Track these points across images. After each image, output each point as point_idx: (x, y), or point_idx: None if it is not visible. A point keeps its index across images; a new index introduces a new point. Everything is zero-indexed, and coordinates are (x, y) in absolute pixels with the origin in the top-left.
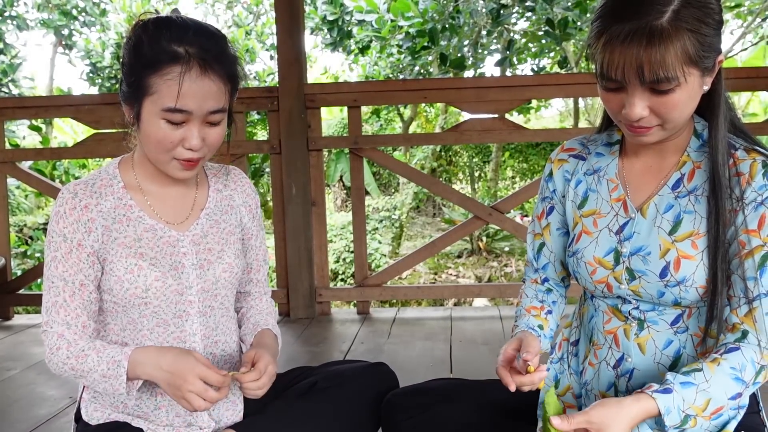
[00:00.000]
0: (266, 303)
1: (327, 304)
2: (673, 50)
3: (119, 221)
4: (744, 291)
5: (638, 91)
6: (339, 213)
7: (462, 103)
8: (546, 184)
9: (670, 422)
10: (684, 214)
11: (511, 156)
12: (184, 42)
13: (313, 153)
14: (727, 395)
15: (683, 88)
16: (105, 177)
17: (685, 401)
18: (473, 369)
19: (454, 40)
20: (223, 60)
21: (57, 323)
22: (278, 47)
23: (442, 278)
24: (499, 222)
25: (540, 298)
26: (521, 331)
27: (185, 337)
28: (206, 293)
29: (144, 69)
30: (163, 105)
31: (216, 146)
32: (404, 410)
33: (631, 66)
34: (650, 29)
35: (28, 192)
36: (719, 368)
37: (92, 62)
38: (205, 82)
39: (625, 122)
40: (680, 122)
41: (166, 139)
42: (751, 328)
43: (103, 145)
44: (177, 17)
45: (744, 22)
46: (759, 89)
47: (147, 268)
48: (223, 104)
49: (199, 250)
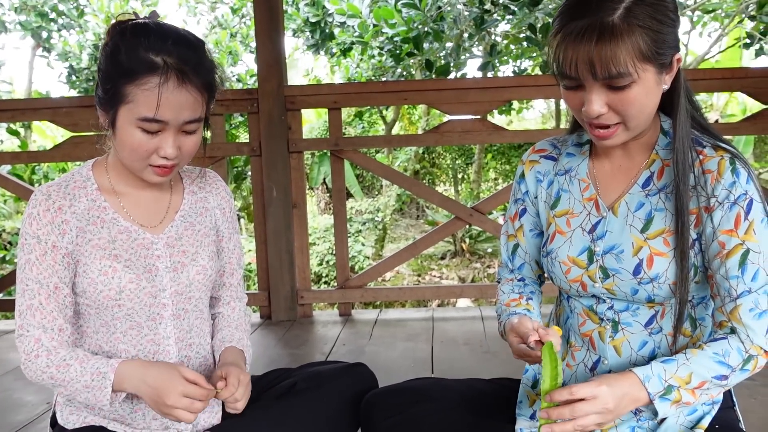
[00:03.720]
0: (237, 312)
1: (309, 307)
2: (624, 46)
3: (93, 223)
4: (728, 290)
5: (595, 88)
6: (323, 216)
7: (442, 105)
8: (518, 186)
9: (652, 388)
10: (655, 212)
11: (494, 158)
12: (163, 52)
13: (293, 155)
14: (710, 373)
15: (639, 84)
16: (78, 179)
17: (666, 371)
18: (454, 369)
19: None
20: (200, 70)
21: (33, 326)
22: (258, 49)
23: (426, 280)
24: (480, 223)
25: (517, 291)
26: (508, 321)
27: (159, 340)
28: (180, 296)
29: (120, 77)
30: (138, 114)
31: (191, 154)
32: (383, 410)
33: (583, 62)
34: (601, 25)
35: (6, 197)
36: (701, 352)
37: (70, 64)
38: (182, 92)
39: (587, 121)
40: (642, 120)
41: (140, 147)
42: (737, 324)
43: (81, 148)
44: (154, 24)
45: (721, 25)
46: (733, 90)
47: (121, 270)
48: (199, 114)
49: (173, 252)
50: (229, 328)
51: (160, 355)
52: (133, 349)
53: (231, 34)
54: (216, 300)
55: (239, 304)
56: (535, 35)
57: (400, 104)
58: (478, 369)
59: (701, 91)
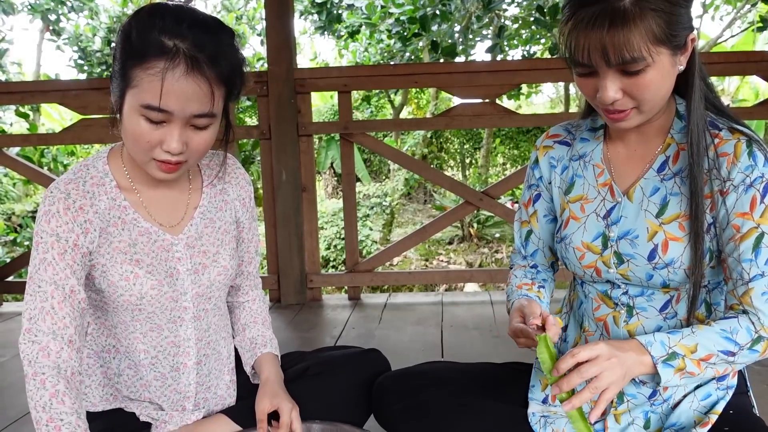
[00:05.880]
0: (258, 304)
1: (318, 290)
2: (637, 31)
3: (114, 224)
4: (741, 273)
5: (609, 74)
6: (330, 200)
7: (452, 88)
8: (532, 172)
9: (655, 352)
10: (670, 196)
11: (502, 142)
12: (176, 35)
13: (303, 138)
14: (717, 347)
15: (654, 68)
16: (95, 174)
17: (671, 339)
18: (464, 353)
19: (444, 26)
20: (217, 60)
21: (42, 332)
22: (267, 31)
23: (434, 265)
24: (490, 207)
25: (530, 277)
26: (517, 300)
27: (179, 342)
28: (201, 297)
29: (129, 59)
30: (142, 101)
31: (201, 153)
32: (395, 393)
33: (596, 49)
34: (612, 11)
35: (16, 180)
36: (708, 327)
37: (81, 47)
38: (190, 81)
39: (601, 107)
40: (656, 103)
41: (142, 137)
42: (749, 307)
43: (90, 131)
44: (174, 5)
45: (734, 8)
46: (748, 73)
47: (143, 275)
48: (210, 108)
49: (193, 253)
50: (256, 325)
51: (180, 356)
52: (153, 351)
53: (237, 17)
54: (234, 289)
55: (257, 292)
56: (544, 16)
57: (410, 87)
58: (488, 353)
59: (715, 75)
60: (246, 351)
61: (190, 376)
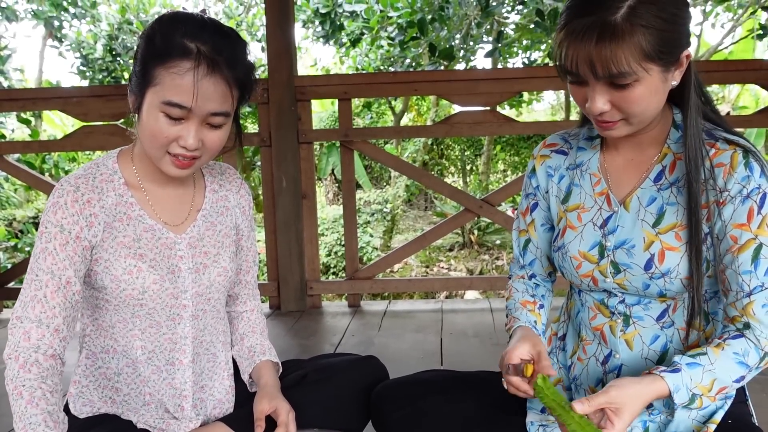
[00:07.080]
0: (256, 314)
1: (318, 297)
2: (626, 46)
3: (119, 219)
4: (741, 285)
5: (598, 86)
6: (331, 207)
7: (453, 96)
8: (529, 181)
9: (679, 399)
10: (667, 206)
11: (503, 149)
12: (198, 39)
13: (303, 145)
14: (732, 378)
15: (643, 83)
16: (105, 172)
17: (692, 380)
18: (464, 361)
19: (443, 31)
20: (234, 63)
21: (28, 319)
22: (268, 39)
23: (434, 272)
24: (490, 214)
25: (531, 293)
26: (522, 328)
27: (176, 339)
28: (200, 297)
29: (152, 59)
30: (163, 98)
31: (215, 150)
32: (393, 401)
33: (584, 61)
34: (602, 25)
35: (17, 186)
36: (723, 352)
37: (83, 54)
38: (210, 81)
39: (591, 115)
40: (646, 117)
41: (161, 133)
42: (751, 319)
43: (91, 138)
44: (197, 14)
45: (734, 15)
46: (748, 82)
47: (146, 270)
48: (226, 108)
49: (195, 253)
50: (254, 335)
51: (176, 353)
52: (150, 346)
53: (237, 24)
54: (232, 298)
55: (255, 302)
56: (543, 20)
57: (411, 95)
58: (487, 361)
59: (715, 83)
60: (244, 359)
61: (186, 373)
